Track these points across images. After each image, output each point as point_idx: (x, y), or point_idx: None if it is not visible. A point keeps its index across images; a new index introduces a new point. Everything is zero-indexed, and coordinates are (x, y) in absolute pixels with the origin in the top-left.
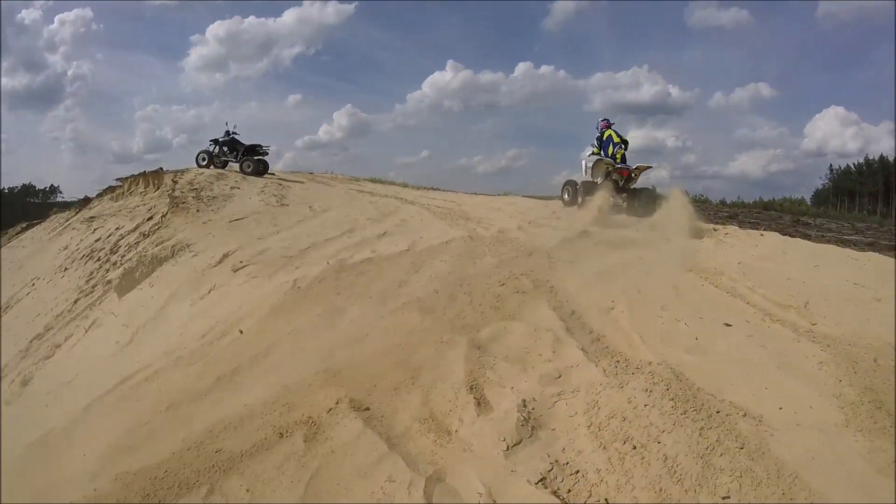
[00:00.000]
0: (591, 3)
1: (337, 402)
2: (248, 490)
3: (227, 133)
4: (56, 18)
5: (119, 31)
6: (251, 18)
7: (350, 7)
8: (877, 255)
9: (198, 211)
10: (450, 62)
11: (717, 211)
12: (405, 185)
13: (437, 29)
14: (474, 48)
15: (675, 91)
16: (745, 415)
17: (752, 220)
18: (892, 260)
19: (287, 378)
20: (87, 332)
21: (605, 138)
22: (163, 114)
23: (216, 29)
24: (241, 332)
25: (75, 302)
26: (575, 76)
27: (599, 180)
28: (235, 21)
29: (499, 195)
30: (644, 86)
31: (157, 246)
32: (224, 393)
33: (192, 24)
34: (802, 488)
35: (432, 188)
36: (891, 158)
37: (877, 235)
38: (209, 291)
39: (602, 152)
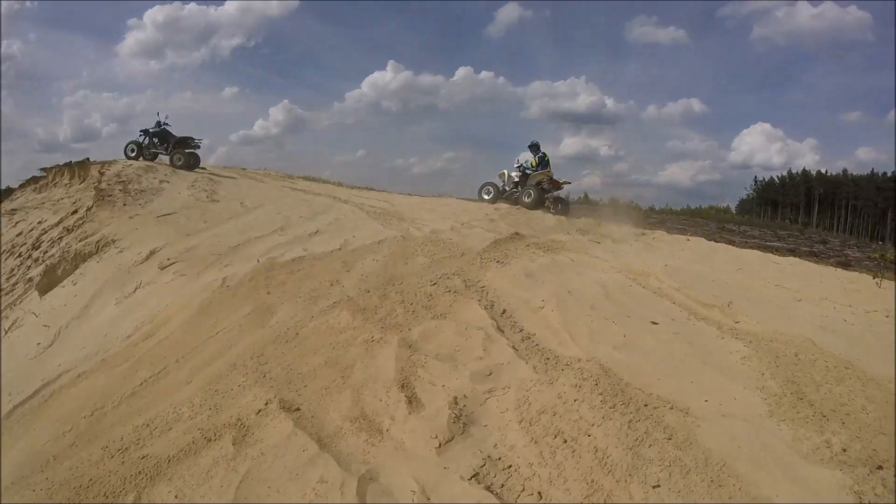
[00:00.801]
0: (536, 13)
1: (266, 403)
2: (176, 496)
3: (159, 124)
4: None
5: (55, 8)
6: (192, 5)
7: (294, 2)
8: (797, 259)
9: (124, 205)
10: (391, 62)
11: (647, 217)
12: (340, 185)
13: (380, 29)
14: (416, 50)
15: (610, 102)
16: (672, 407)
17: (680, 227)
18: (811, 264)
19: (215, 379)
20: (6, 333)
21: (543, 158)
22: (93, 100)
23: (155, 14)
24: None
25: None
26: (514, 83)
27: (532, 191)
28: (176, 7)
29: (433, 196)
30: (581, 96)
31: (80, 241)
32: (151, 396)
33: (131, 6)
34: (730, 475)
35: (367, 188)
36: (813, 172)
37: (798, 242)
38: (135, 290)
39: (539, 167)
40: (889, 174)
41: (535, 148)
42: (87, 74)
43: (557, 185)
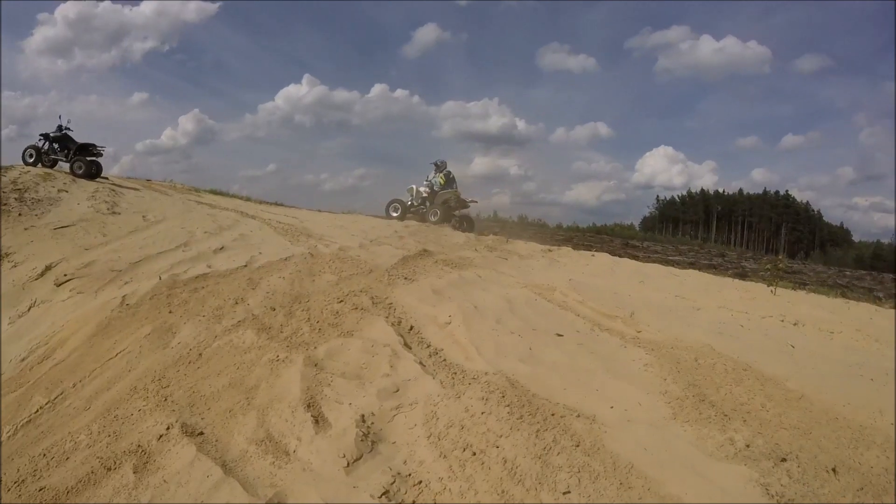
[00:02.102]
0: (453, 35)
1: (168, 428)
2: None
3: (60, 128)
4: None
5: None
6: (107, 3)
7: (213, 7)
8: (697, 272)
9: (20, 214)
10: (306, 76)
11: (554, 234)
12: (248, 199)
13: (297, 42)
14: (333, 65)
15: (521, 124)
16: (578, 415)
17: (586, 243)
18: (709, 275)
19: (114, 404)
20: None
21: (449, 176)
22: None
23: (67, 9)
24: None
25: None
26: (428, 102)
27: (438, 209)
28: (89, 4)
29: (343, 213)
30: (493, 117)
31: None
32: (48, 424)
33: (42, 1)
34: (638, 477)
35: (276, 203)
36: (711, 192)
37: (697, 256)
38: (29, 308)
39: (447, 185)
40: (781, 193)
41: (441, 166)
42: None
43: (464, 204)
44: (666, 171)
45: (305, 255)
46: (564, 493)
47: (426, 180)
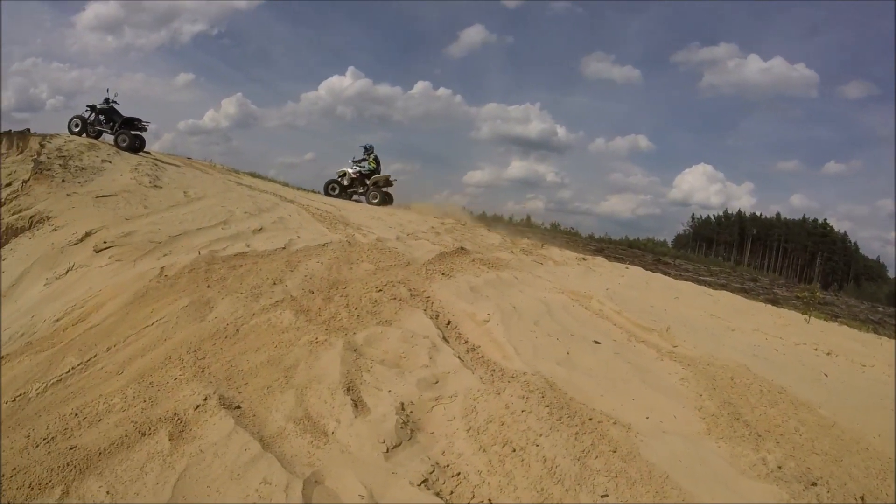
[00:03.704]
0: (499, 38)
1: (205, 399)
2: (108, 492)
3: (107, 101)
4: None
5: None
6: None
7: None
8: (729, 293)
9: (63, 181)
10: (351, 68)
11: (586, 244)
12: (286, 185)
13: (344, 35)
14: (378, 60)
15: (561, 131)
16: (615, 422)
17: (618, 255)
18: (742, 298)
19: (148, 371)
20: None
21: (376, 160)
22: (42, 69)
23: None
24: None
25: None
26: (469, 103)
27: (377, 192)
28: None
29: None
30: (533, 122)
31: (14, 215)
32: (79, 385)
33: None
34: (673, 487)
35: (313, 191)
36: (748, 214)
37: (729, 279)
38: (67, 272)
39: (377, 170)
40: (819, 221)
41: (370, 150)
42: (41, 42)
43: (389, 183)
44: (703, 189)
45: (343, 242)
46: (602, 497)
47: (354, 163)
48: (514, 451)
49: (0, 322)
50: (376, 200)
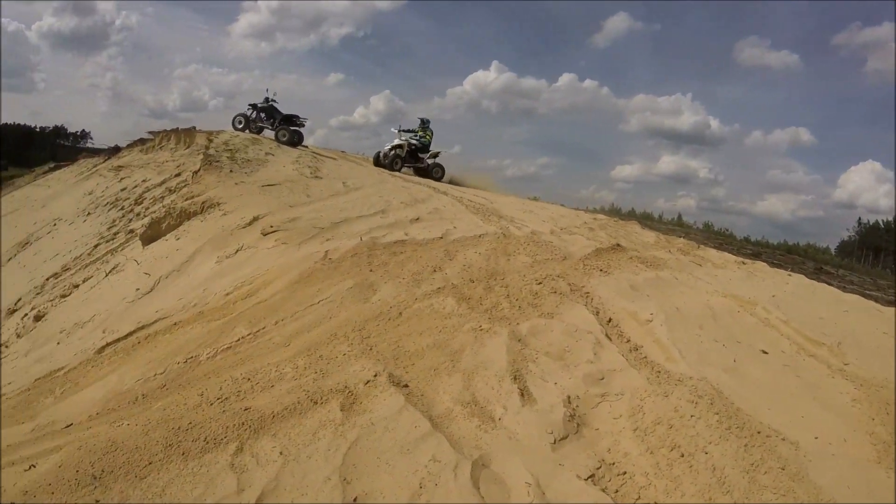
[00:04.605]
0: (645, 26)
1: (375, 375)
2: (281, 453)
3: (267, 100)
4: None
5: None
6: None
7: None
8: None
9: (231, 171)
10: (495, 63)
11: (741, 247)
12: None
13: (486, 29)
14: (521, 53)
15: (714, 123)
16: (783, 439)
17: (776, 262)
18: None
19: (315, 345)
20: (107, 275)
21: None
22: (202, 74)
23: None
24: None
25: (95, 246)
26: (617, 94)
27: (439, 169)
28: None
29: (528, 198)
30: (685, 114)
31: (186, 200)
32: (247, 352)
33: None
34: None
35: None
36: None
37: None
38: (236, 252)
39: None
40: None
41: (426, 123)
42: (200, 50)
43: (437, 155)
44: (871, 189)
45: (498, 234)
46: None
47: (402, 132)
48: (683, 456)
49: None
50: (438, 175)
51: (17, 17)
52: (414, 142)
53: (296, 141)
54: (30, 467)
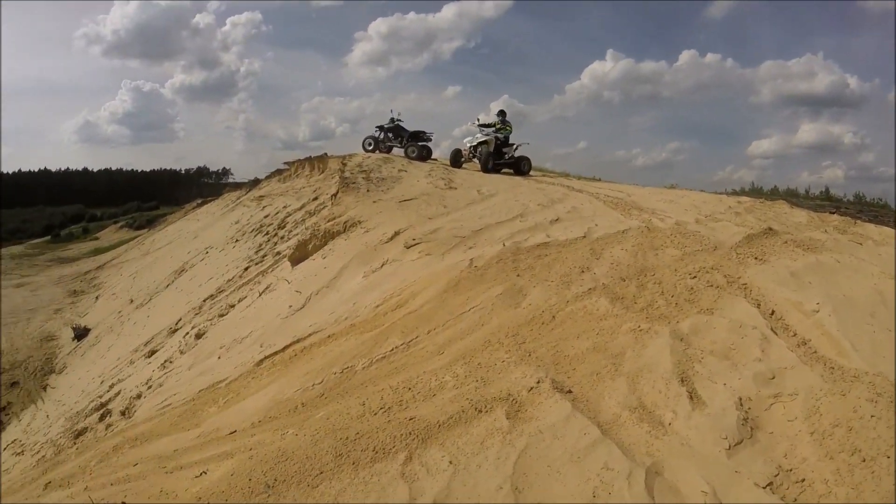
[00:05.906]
0: None
1: (538, 382)
2: (450, 462)
3: (392, 120)
4: (228, 21)
5: (287, 30)
6: (411, 14)
7: (508, 2)
8: None
9: (367, 191)
10: (610, 51)
11: None
12: (567, 175)
13: (594, 18)
14: (635, 36)
15: (853, 82)
16: None
17: None
18: None
19: (469, 353)
20: (260, 295)
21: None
22: (327, 105)
23: (378, 25)
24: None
25: (246, 269)
26: (742, 65)
27: (525, 164)
28: (397, 17)
29: (666, 188)
30: (819, 75)
31: (329, 221)
32: (402, 362)
33: (356, 21)
34: None
35: (594, 178)
36: None
37: None
38: (382, 265)
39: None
40: None
41: (503, 114)
42: (321, 83)
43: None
44: None
45: (642, 228)
46: None
47: (481, 128)
48: (864, 461)
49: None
50: (526, 168)
51: (151, 78)
52: (500, 136)
53: (425, 155)
54: (201, 474)
